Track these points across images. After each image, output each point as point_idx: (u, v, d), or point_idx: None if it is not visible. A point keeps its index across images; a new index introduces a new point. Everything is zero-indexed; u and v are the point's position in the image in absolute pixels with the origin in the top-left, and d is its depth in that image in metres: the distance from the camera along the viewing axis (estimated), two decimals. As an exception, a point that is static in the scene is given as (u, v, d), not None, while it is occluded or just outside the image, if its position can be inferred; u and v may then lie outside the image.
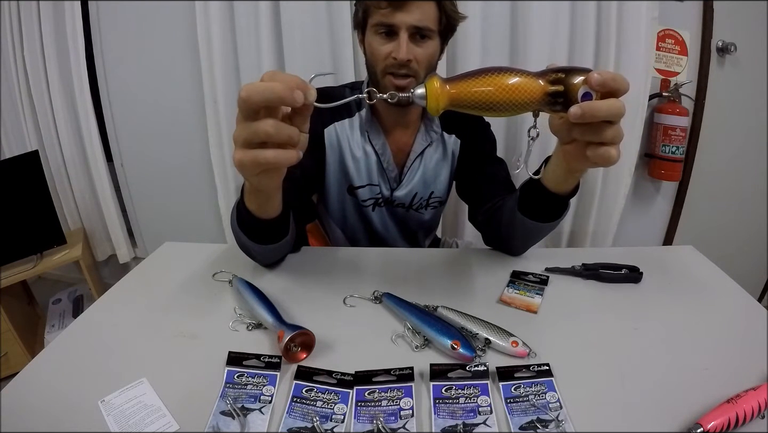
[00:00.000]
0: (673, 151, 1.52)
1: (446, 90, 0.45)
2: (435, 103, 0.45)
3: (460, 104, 0.46)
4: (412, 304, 0.61)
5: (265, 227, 0.62)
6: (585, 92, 0.44)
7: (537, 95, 0.45)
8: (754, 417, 0.42)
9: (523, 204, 0.68)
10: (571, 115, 0.43)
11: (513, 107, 0.45)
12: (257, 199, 0.58)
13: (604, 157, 0.47)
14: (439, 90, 0.45)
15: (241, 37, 1.51)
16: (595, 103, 0.44)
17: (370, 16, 0.78)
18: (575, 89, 0.44)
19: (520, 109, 0.45)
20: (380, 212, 0.96)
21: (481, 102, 0.45)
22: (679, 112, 1.49)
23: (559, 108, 0.45)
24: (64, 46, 1.67)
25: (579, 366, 0.51)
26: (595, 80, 0.42)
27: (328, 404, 0.47)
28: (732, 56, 1.50)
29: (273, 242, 0.65)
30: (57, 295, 1.93)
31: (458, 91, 0.45)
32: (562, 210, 0.66)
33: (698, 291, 0.68)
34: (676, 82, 1.50)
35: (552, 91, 0.45)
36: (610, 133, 0.45)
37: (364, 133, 0.88)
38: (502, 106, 0.45)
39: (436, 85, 0.45)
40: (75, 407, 0.46)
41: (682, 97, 1.51)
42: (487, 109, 0.45)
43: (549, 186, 0.63)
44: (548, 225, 0.68)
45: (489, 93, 0.44)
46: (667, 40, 1.48)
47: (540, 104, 0.46)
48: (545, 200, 0.64)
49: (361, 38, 0.84)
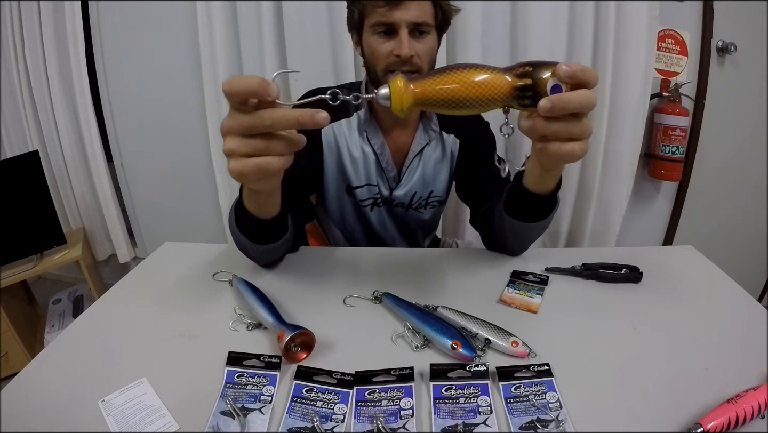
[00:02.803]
0: (673, 151, 1.52)
1: (410, 89, 0.44)
2: (399, 102, 0.44)
3: (425, 103, 0.45)
4: (412, 304, 0.61)
5: (264, 226, 0.62)
6: (554, 85, 0.43)
7: (504, 90, 0.44)
8: (754, 417, 0.42)
9: (508, 205, 0.69)
10: (541, 108, 0.42)
11: (480, 104, 0.44)
12: (257, 199, 0.58)
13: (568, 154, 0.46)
14: (402, 89, 0.44)
15: (244, 38, 1.51)
16: (565, 94, 0.43)
17: (367, 17, 0.79)
18: (544, 83, 0.43)
19: (488, 105, 0.45)
20: (379, 212, 0.96)
21: (447, 99, 0.44)
22: (679, 112, 1.49)
23: (528, 102, 0.44)
24: (64, 46, 1.67)
25: (579, 366, 0.51)
26: (564, 72, 0.42)
27: (328, 404, 0.47)
28: (732, 56, 1.50)
29: (271, 242, 0.65)
30: (57, 295, 1.93)
31: (423, 89, 0.44)
32: (548, 209, 0.66)
33: (698, 291, 0.68)
34: (676, 82, 1.50)
35: (520, 86, 0.44)
36: (576, 126, 0.45)
37: (363, 133, 0.88)
38: (468, 103, 0.44)
39: (400, 84, 0.44)
40: (75, 407, 0.46)
41: (682, 97, 1.51)
42: (454, 106, 0.44)
43: (529, 186, 0.63)
44: (536, 225, 0.68)
45: (454, 90, 0.44)
46: (667, 40, 1.49)
47: (508, 99, 0.45)
48: (528, 201, 0.64)
49: (357, 39, 0.85)
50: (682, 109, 1.49)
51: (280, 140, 0.45)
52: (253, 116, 0.43)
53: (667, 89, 1.52)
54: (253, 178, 0.47)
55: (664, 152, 1.53)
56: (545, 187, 0.62)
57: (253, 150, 0.44)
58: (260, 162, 0.45)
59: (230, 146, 0.45)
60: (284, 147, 0.45)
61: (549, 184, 0.62)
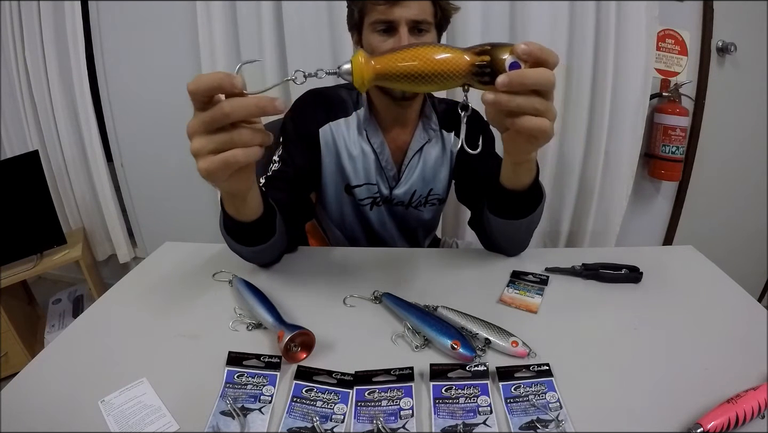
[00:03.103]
0: (673, 151, 1.52)
1: (371, 65, 0.46)
2: (360, 77, 0.46)
3: (386, 78, 0.46)
4: (412, 304, 0.61)
5: (248, 229, 0.62)
6: (513, 62, 0.44)
7: (463, 67, 0.45)
8: (754, 417, 0.42)
9: (491, 205, 0.69)
10: (498, 83, 0.43)
11: (439, 79, 0.46)
12: (233, 203, 0.58)
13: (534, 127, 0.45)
14: (363, 64, 0.45)
15: (243, 38, 1.51)
16: (523, 70, 0.44)
17: (366, 15, 0.79)
18: (502, 61, 0.44)
19: (447, 81, 0.46)
20: (379, 211, 0.96)
21: (407, 75, 0.46)
22: (679, 112, 1.49)
23: (487, 80, 0.45)
24: (64, 46, 1.67)
25: (579, 366, 0.51)
26: (522, 50, 0.43)
27: (328, 404, 0.47)
28: (732, 56, 1.50)
29: (259, 244, 0.65)
30: (57, 295, 1.93)
31: (383, 65, 0.46)
32: (531, 205, 0.66)
33: (698, 291, 0.68)
34: (676, 82, 1.50)
35: (479, 63, 0.45)
36: (540, 103, 0.44)
37: (362, 132, 0.88)
38: (428, 79, 0.46)
39: (361, 60, 0.46)
40: (75, 407, 0.46)
41: (682, 97, 1.51)
42: (414, 81, 0.46)
43: (505, 183, 0.64)
44: (521, 222, 0.68)
45: (414, 66, 0.45)
46: (667, 40, 1.48)
47: (467, 77, 0.46)
48: (507, 198, 0.65)
49: (357, 39, 0.85)
50: (682, 109, 1.49)
51: (243, 130, 0.45)
52: (213, 109, 0.44)
53: (667, 89, 1.51)
54: (222, 176, 0.47)
55: (664, 152, 1.53)
56: (520, 182, 0.62)
57: (217, 144, 0.45)
58: (226, 156, 0.45)
59: (196, 146, 0.46)
60: (248, 136, 0.45)
61: (524, 178, 0.62)
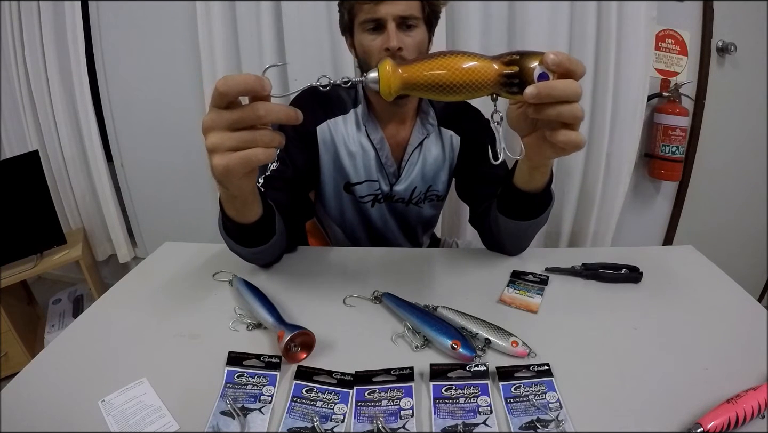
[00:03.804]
0: (673, 151, 1.52)
1: (398, 73, 0.45)
2: (387, 86, 0.45)
3: (413, 87, 0.46)
4: (412, 304, 0.61)
5: (248, 231, 0.62)
6: (541, 73, 0.44)
7: (491, 77, 0.45)
8: (754, 417, 0.42)
9: (501, 205, 0.69)
10: (527, 95, 0.43)
11: (467, 89, 0.45)
12: (234, 205, 0.58)
13: (567, 140, 0.46)
14: (390, 73, 0.45)
15: (243, 37, 1.51)
16: (551, 81, 0.44)
17: (356, 16, 0.80)
18: (531, 71, 0.44)
19: (475, 91, 0.46)
20: (380, 208, 0.96)
21: (434, 84, 0.45)
22: (679, 112, 1.49)
23: (515, 90, 0.45)
24: (64, 46, 1.67)
25: (579, 366, 0.51)
26: (551, 60, 0.43)
27: (328, 404, 0.47)
28: (732, 56, 1.50)
29: (259, 245, 0.65)
30: (57, 295, 1.93)
31: (410, 74, 0.45)
32: (541, 207, 0.66)
33: (698, 291, 0.68)
34: (676, 82, 1.50)
35: (507, 73, 0.45)
36: (568, 112, 0.44)
37: (362, 128, 0.88)
38: (456, 89, 0.45)
39: (388, 68, 0.45)
40: (75, 407, 0.46)
41: (682, 97, 1.51)
42: (441, 91, 0.45)
43: (519, 185, 0.63)
44: (530, 223, 0.68)
45: (442, 75, 0.45)
46: (667, 40, 1.48)
47: (495, 87, 0.46)
48: (519, 199, 0.65)
49: (350, 42, 0.85)
50: (682, 109, 1.49)
51: (265, 131, 0.45)
52: (243, 109, 0.44)
53: (667, 89, 1.51)
54: (238, 174, 0.47)
55: (664, 152, 1.53)
56: (535, 184, 0.62)
57: (238, 142, 0.44)
58: (248, 154, 0.45)
59: (214, 141, 0.45)
60: (269, 137, 0.45)
61: (538, 181, 0.62)
